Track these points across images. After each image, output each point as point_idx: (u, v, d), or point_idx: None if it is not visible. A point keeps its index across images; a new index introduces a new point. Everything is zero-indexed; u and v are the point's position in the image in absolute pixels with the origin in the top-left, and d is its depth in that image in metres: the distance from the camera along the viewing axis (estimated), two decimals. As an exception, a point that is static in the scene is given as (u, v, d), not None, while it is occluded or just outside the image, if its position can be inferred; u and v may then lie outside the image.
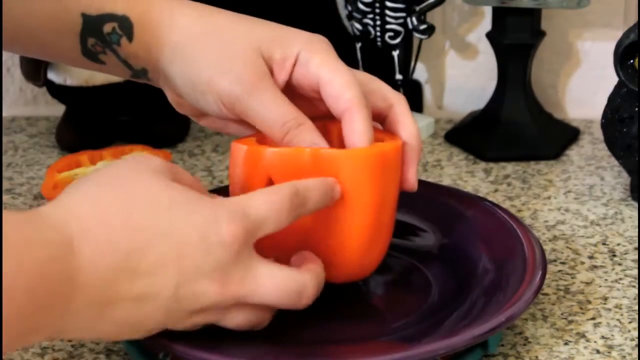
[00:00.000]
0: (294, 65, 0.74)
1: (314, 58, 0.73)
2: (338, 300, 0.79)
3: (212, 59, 0.74)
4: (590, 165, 1.03)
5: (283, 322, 0.76)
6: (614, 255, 0.86)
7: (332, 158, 0.71)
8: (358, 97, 0.72)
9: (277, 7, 1.12)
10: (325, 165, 0.71)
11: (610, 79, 0.94)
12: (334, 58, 0.74)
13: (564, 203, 0.95)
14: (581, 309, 0.79)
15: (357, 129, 0.72)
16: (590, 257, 0.86)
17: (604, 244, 0.88)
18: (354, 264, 0.74)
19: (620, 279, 0.83)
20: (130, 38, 0.75)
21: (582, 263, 0.85)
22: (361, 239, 0.73)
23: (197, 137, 1.09)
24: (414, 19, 1.05)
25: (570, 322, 0.77)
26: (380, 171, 0.72)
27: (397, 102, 0.76)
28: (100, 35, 0.76)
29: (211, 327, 0.67)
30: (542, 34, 1.06)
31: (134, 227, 0.63)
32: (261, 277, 0.66)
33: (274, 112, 0.72)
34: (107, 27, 0.75)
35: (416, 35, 1.06)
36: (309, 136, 0.72)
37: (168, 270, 0.63)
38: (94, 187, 0.64)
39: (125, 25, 0.75)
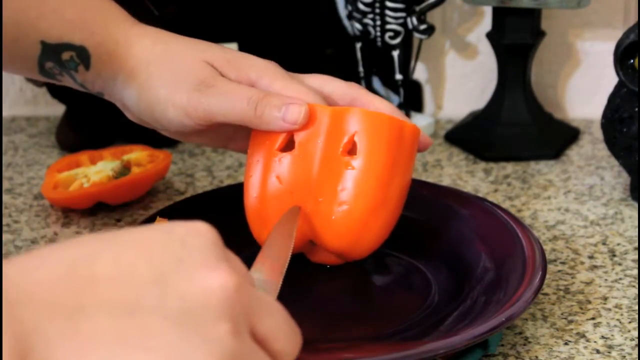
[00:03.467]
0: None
1: (274, 85, 0.76)
2: (338, 299, 0.79)
3: (166, 78, 0.76)
4: (590, 165, 1.03)
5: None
6: (614, 255, 0.86)
7: (353, 115, 0.74)
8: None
9: (277, 7, 1.12)
10: (345, 122, 0.73)
11: (610, 79, 0.94)
12: (292, 80, 0.77)
13: (564, 203, 0.95)
14: (581, 309, 0.79)
15: None
16: (590, 257, 0.86)
17: (604, 244, 0.88)
18: (354, 228, 0.74)
19: (620, 279, 0.83)
20: (87, 67, 0.78)
21: (582, 263, 0.85)
22: (367, 201, 0.74)
23: (197, 137, 1.09)
24: (414, 19, 1.05)
25: (570, 322, 0.77)
26: (396, 141, 0.74)
27: (356, 93, 0.78)
28: (58, 60, 0.78)
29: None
30: (542, 34, 1.06)
31: (73, 243, 0.49)
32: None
33: (235, 94, 0.75)
34: (65, 55, 0.77)
35: (416, 35, 1.06)
36: (278, 99, 0.74)
37: (137, 269, 0.49)
38: None
39: (83, 55, 0.77)
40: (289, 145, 0.75)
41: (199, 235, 0.51)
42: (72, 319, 0.46)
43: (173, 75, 0.76)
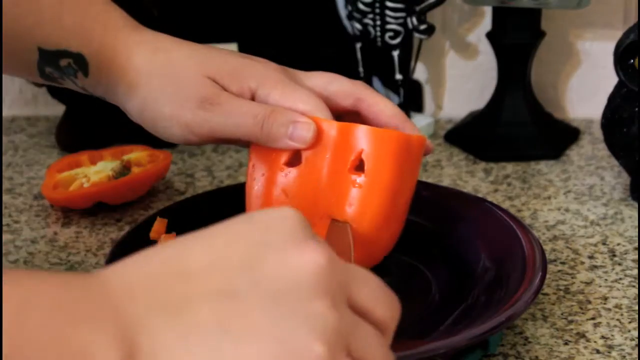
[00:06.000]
0: (252, 99, 0.76)
1: (272, 94, 0.75)
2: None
3: (169, 94, 0.75)
4: (590, 165, 1.03)
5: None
6: (614, 255, 0.86)
7: (361, 132, 0.73)
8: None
9: (277, 7, 1.12)
10: (352, 138, 0.73)
11: (610, 79, 0.94)
12: (291, 86, 0.75)
13: (564, 203, 0.95)
14: (581, 309, 0.79)
15: None
16: (590, 257, 0.86)
17: (604, 244, 0.88)
18: (360, 245, 0.74)
19: (620, 279, 0.83)
20: (85, 74, 0.77)
21: (582, 263, 0.85)
22: (375, 215, 0.73)
23: (197, 137, 1.09)
24: (414, 19, 1.05)
25: (570, 322, 0.77)
26: (404, 157, 0.74)
27: (362, 93, 0.78)
28: (56, 67, 0.77)
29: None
30: (542, 34, 1.06)
31: (164, 245, 0.51)
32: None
33: (241, 112, 0.74)
34: (63, 62, 0.77)
35: (416, 35, 1.06)
36: (284, 116, 0.73)
37: (226, 257, 0.49)
38: None
39: (81, 62, 0.77)
40: (295, 159, 0.74)
41: (282, 218, 0.51)
42: (173, 312, 0.47)
43: (176, 92, 0.75)
